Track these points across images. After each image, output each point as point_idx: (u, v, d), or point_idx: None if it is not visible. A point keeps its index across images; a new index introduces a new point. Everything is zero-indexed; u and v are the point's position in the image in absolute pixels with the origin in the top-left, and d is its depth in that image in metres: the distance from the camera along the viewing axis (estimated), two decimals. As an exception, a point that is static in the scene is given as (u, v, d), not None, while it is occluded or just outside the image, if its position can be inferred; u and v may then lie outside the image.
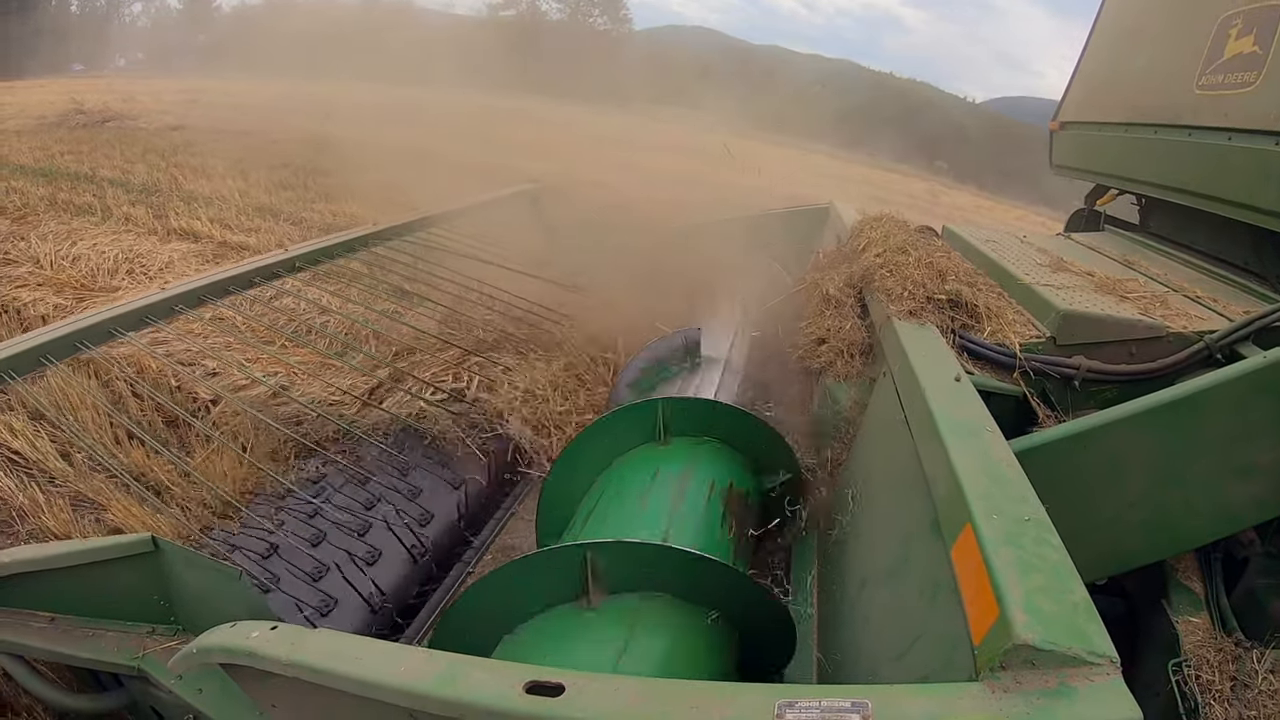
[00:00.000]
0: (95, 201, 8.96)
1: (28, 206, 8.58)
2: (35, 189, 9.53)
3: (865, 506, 2.09)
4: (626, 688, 1.03)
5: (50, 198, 9.12)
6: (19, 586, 1.87)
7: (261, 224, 8.56)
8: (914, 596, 1.42)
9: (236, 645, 1.29)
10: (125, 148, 13.54)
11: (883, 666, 1.46)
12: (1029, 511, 1.24)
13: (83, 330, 2.76)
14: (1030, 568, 1.09)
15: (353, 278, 4.47)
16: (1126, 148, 3.70)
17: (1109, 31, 4.20)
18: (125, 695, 1.98)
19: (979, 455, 1.40)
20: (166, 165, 11.89)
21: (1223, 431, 2.00)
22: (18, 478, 3.28)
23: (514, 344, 3.73)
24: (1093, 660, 0.98)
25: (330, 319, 4.81)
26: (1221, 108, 2.96)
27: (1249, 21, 2.93)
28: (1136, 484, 2.07)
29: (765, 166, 9.68)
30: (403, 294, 4.19)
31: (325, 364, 4.14)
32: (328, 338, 4.67)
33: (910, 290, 2.38)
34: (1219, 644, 2.00)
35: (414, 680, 1.10)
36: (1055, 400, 2.29)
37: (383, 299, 4.39)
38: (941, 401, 1.65)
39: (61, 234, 7.47)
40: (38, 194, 9.25)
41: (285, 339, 4.50)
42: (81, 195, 9.32)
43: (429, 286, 4.09)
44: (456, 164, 7.19)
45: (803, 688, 1.01)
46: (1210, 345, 2.27)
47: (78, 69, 46.84)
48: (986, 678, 0.98)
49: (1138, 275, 2.98)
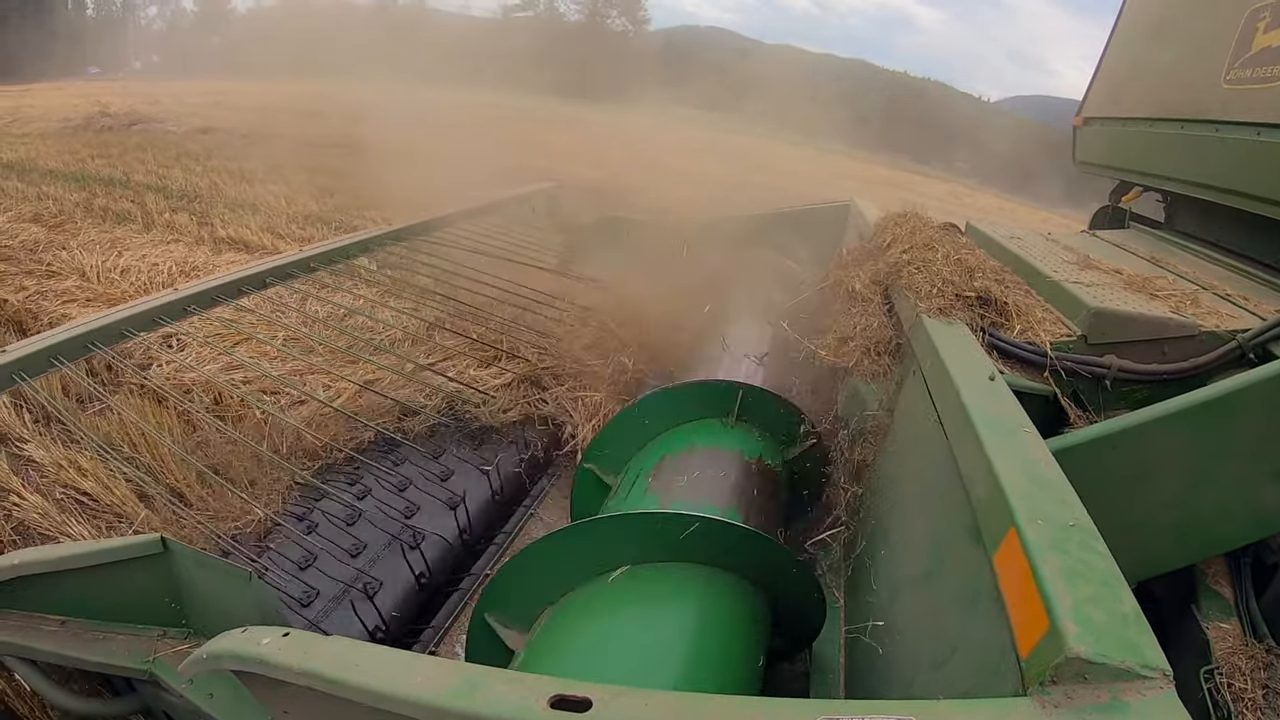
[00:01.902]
0: (134, 208, 8.84)
1: (64, 213, 8.47)
2: (69, 195, 9.45)
3: (896, 509, 2.04)
4: (657, 702, 0.97)
5: (86, 204, 9.03)
6: (29, 589, 1.85)
7: (315, 233, 8.35)
8: (951, 604, 1.36)
9: (248, 652, 1.26)
10: (156, 151, 13.51)
11: (919, 677, 1.41)
12: (1073, 516, 1.19)
13: (95, 331, 2.74)
14: (1078, 576, 1.04)
15: (366, 277, 4.45)
16: (1152, 143, 3.64)
17: (1133, 25, 4.14)
18: (137, 700, 1.95)
19: (1018, 456, 1.35)
20: (203, 170, 11.79)
21: (1256, 432, 1.94)
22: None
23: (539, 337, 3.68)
24: (1145, 674, 0.93)
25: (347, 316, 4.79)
26: (1250, 102, 2.91)
27: (1278, 14, 2.87)
28: (1168, 486, 2.02)
29: (792, 170, 9.70)
30: (420, 291, 4.15)
31: (345, 360, 4.10)
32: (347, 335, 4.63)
33: (939, 287, 2.33)
34: (1250, 651, 1.96)
35: (431, 692, 1.05)
36: (1086, 400, 2.24)
37: (400, 296, 4.37)
38: (977, 400, 1.60)
39: (104, 243, 7.30)
40: (72, 200, 9.18)
41: (304, 337, 4.48)
42: (118, 201, 9.22)
43: (447, 283, 4.05)
44: (500, 169, 6.98)
45: (845, 704, 0.97)
46: (1243, 344, 2.21)
47: (93, 72, 47.38)
48: (1036, 692, 0.93)
49: (1166, 273, 2.93)
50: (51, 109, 19.88)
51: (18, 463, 3.41)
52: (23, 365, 2.50)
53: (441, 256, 4.27)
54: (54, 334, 2.69)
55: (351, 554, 2.44)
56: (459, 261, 4.19)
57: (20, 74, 36.50)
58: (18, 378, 2.49)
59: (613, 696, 0.97)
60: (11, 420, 3.73)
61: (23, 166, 11.50)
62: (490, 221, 4.86)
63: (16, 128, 16.67)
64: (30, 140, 14.64)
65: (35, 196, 9.22)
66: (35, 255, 6.83)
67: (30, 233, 7.51)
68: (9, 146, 13.44)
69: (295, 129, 15.36)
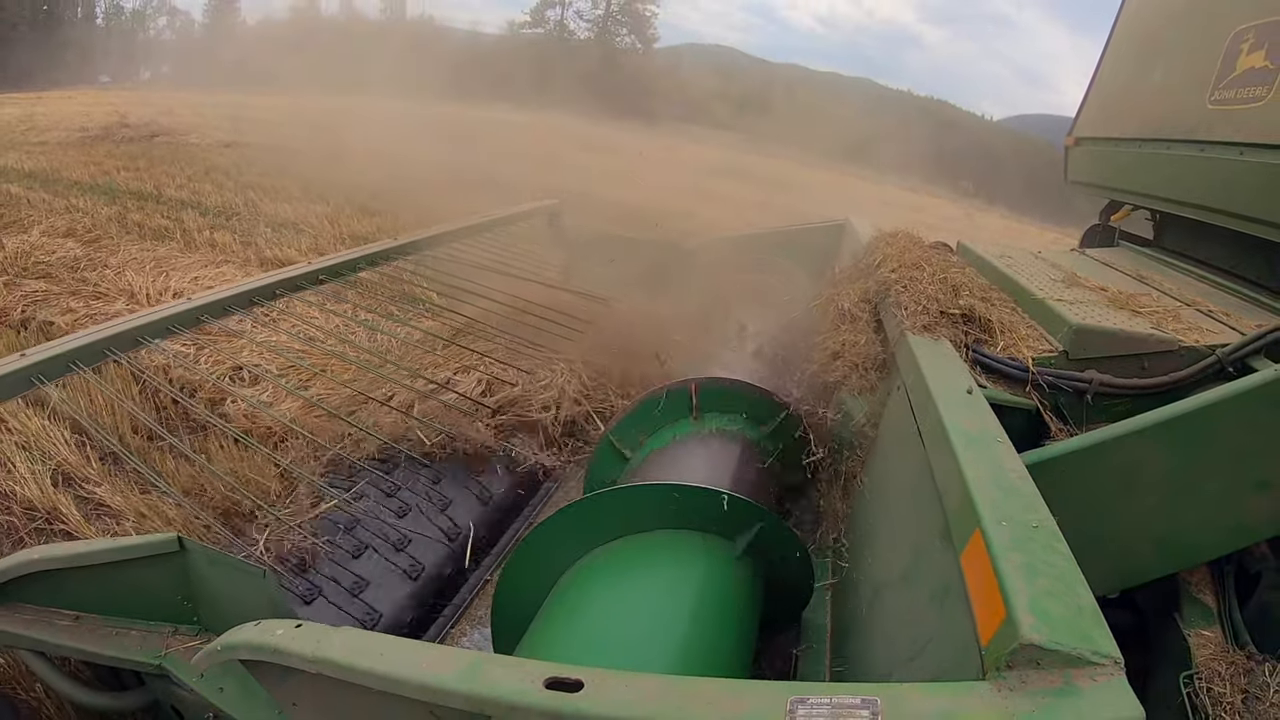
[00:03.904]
0: (172, 225, 8.55)
1: (98, 228, 8.22)
2: (100, 208, 9.20)
3: (879, 516, 2.11)
4: (644, 684, 1.05)
5: (119, 218, 8.77)
6: (44, 584, 1.90)
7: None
8: (925, 602, 1.44)
9: (262, 642, 1.33)
10: (184, 165, 13.23)
11: (895, 670, 1.48)
12: (1037, 519, 1.26)
13: (111, 337, 2.81)
14: (1037, 572, 1.12)
15: (374, 290, 4.51)
16: (1140, 163, 3.72)
17: (1123, 47, 4.23)
18: (147, 694, 2.00)
19: (989, 465, 1.42)
20: (235, 186, 11.41)
21: (1235, 444, 2.00)
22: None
23: (540, 351, 3.76)
24: (1097, 660, 0.99)
25: (352, 330, 4.86)
26: (1234, 122, 2.97)
27: (1261, 36, 2.94)
28: (1149, 497, 2.08)
29: (811, 192, 9.70)
30: (428, 305, 4.22)
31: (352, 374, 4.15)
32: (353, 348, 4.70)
33: (924, 305, 2.40)
34: (1230, 657, 2.01)
35: (436, 676, 1.13)
36: (1068, 414, 2.30)
37: (406, 310, 4.43)
38: (953, 413, 1.67)
39: (146, 261, 7.01)
40: (104, 214, 8.91)
41: (310, 349, 4.56)
42: (153, 218, 8.94)
43: (454, 299, 4.13)
44: (541, 191, 6.76)
45: (814, 685, 1.04)
46: (1222, 359, 2.26)
47: (104, 81, 47.77)
48: (994, 677, 1.00)
49: (1151, 290, 2.99)
50: (65, 117, 19.54)
51: (86, 506, 3.36)
52: (41, 369, 2.56)
53: (444, 270, 4.34)
54: (72, 339, 2.75)
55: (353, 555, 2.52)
56: (463, 276, 4.25)
57: (31, 82, 36.79)
58: (36, 380, 2.55)
59: (603, 678, 1.05)
60: (76, 460, 3.63)
61: (46, 177, 11.25)
62: (493, 237, 4.94)
63: (34, 135, 16.39)
64: (49, 149, 14.40)
65: (64, 209, 8.96)
66: (77, 274, 6.56)
67: (67, 249, 7.25)
68: (29, 155, 13.24)
69: (319, 143, 15.09)
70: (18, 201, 9.31)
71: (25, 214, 8.56)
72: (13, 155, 13.13)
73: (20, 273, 6.45)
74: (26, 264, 6.66)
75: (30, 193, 9.91)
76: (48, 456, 3.61)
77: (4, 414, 3.79)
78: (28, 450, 3.62)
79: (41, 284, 6.23)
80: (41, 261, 6.77)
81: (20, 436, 3.73)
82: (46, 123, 18.49)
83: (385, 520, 2.69)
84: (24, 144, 15.06)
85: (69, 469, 3.56)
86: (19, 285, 6.11)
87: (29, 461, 3.50)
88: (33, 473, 3.40)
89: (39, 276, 6.44)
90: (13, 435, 3.74)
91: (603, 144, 22.04)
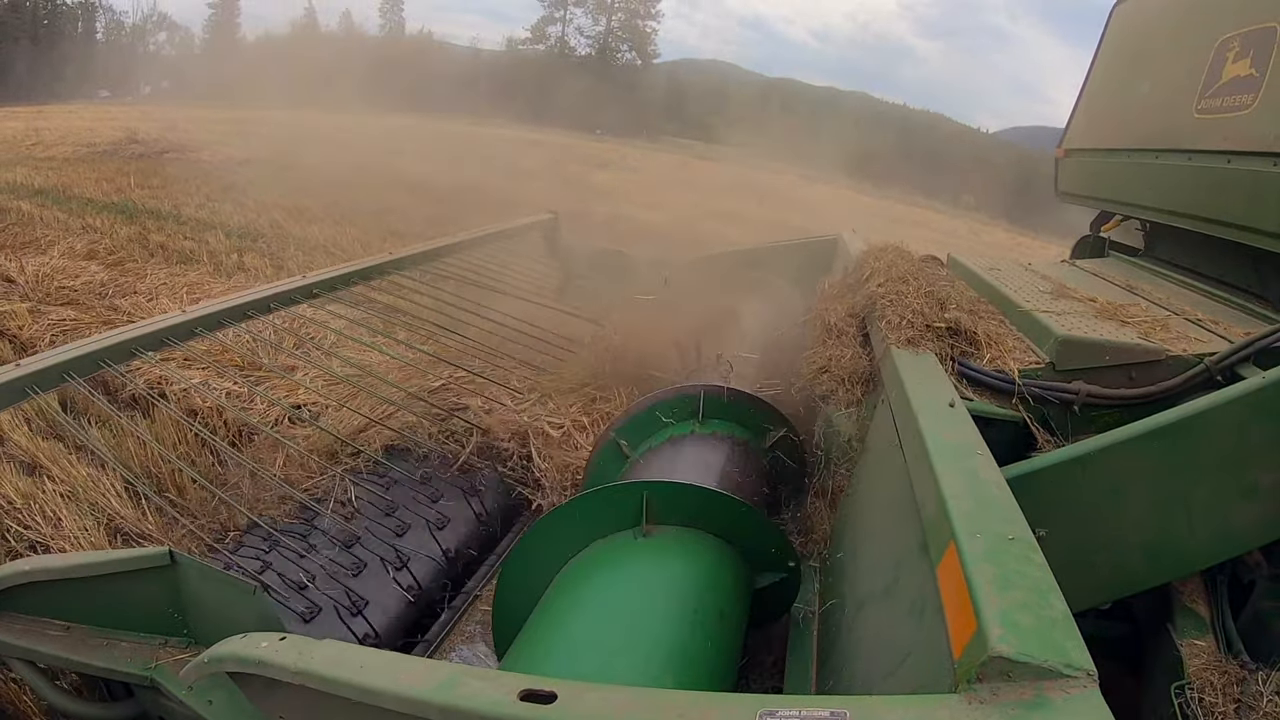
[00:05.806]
0: (197, 247, 8.26)
1: (119, 249, 7.94)
2: (118, 228, 8.96)
3: (864, 531, 2.11)
4: (616, 696, 1.07)
5: (140, 239, 8.50)
6: (36, 594, 1.92)
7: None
8: (905, 615, 1.44)
9: (247, 654, 1.35)
10: (200, 183, 13.01)
11: (876, 684, 1.48)
12: (1013, 531, 1.27)
13: (105, 349, 2.84)
14: (1010, 584, 1.12)
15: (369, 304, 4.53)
16: (1129, 173, 3.73)
17: (1111, 58, 4.25)
18: (136, 705, 2.02)
19: (966, 477, 1.43)
20: (255, 205, 11.16)
21: (1223, 453, 2.01)
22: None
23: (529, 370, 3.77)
24: (1069, 673, 0.99)
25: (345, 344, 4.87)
26: (1220, 130, 2.99)
27: (1246, 44, 2.96)
28: (1138, 507, 2.08)
29: (817, 210, 9.73)
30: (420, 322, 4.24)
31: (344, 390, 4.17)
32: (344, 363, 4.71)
33: (909, 319, 2.41)
34: (1223, 667, 2.00)
35: (414, 688, 1.15)
36: (1056, 425, 2.30)
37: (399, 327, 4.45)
38: (934, 426, 1.68)
39: (178, 286, 6.68)
40: (123, 234, 8.68)
41: (301, 363, 4.58)
42: (175, 239, 8.67)
43: (447, 316, 4.14)
44: (566, 214, 6.41)
45: (785, 698, 1.05)
46: (1210, 367, 2.26)
47: (104, 95, 48.10)
48: (964, 690, 1.01)
49: (1140, 300, 2.99)
50: (72, 132, 19.49)
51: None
52: (35, 379, 2.58)
53: (439, 286, 4.36)
54: (66, 349, 2.79)
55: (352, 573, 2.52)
56: (456, 292, 4.27)
57: (31, 96, 37.03)
58: (30, 390, 2.57)
59: (576, 691, 1.06)
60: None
61: (58, 194, 11.02)
62: (490, 251, 4.97)
63: (40, 151, 16.31)
64: (58, 165, 14.24)
65: (81, 229, 8.77)
66: (105, 300, 6.28)
67: (91, 272, 6.94)
68: (37, 171, 13.09)
69: (331, 161, 14.89)
70: (31, 220, 9.13)
71: (41, 233, 8.37)
72: (21, 170, 13.04)
73: (44, 298, 6.22)
74: (50, 289, 6.41)
75: (43, 210, 9.74)
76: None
77: (45, 461, 3.68)
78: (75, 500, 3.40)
79: (69, 311, 5.95)
80: (65, 286, 6.50)
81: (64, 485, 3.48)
82: (52, 138, 18.42)
83: (385, 540, 2.70)
84: (31, 159, 14.96)
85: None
86: (44, 313, 5.83)
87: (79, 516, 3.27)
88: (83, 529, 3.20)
89: (64, 303, 6.17)
90: (58, 485, 3.47)
91: (616, 161, 22.04)
